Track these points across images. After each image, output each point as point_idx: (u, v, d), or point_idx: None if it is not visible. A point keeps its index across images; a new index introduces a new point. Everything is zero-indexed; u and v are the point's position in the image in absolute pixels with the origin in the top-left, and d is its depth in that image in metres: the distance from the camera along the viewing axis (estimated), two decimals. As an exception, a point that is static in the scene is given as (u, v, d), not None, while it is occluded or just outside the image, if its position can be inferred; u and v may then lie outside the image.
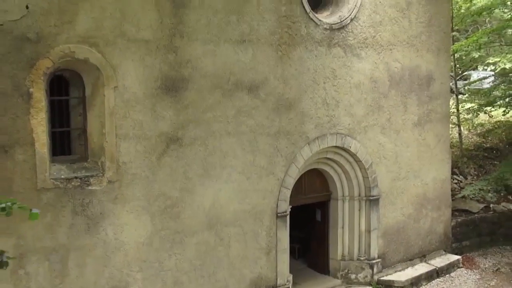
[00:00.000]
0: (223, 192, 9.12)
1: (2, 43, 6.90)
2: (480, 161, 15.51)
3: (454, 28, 15.93)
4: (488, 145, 16.26)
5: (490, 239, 13.63)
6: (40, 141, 7.29)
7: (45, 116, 7.34)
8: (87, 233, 7.79)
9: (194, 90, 8.63)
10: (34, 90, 7.18)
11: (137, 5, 7.98)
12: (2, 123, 6.95)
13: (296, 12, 9.75)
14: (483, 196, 13.96)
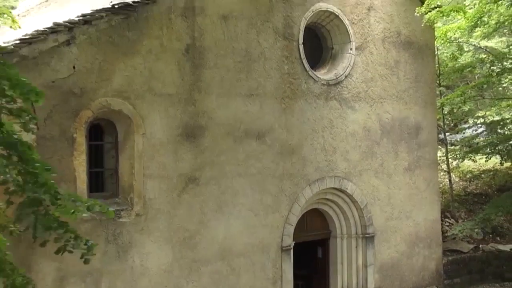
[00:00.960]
0: (234, 227, 10.34)
1: (53, 96, 8.32)
2: (470, 205, 16.70)
3: (441, 84, 17.45)
4: (478, 191, 17.48)
5: (480, 277, 14.65)
6: (81, 179, 8.60)
7: (85, 158, 8.68)
8: (117, 259, 8.98)
9: (210, 137, 10.01)
10: (77, 135, 8.55)
11: (163, 65, 9.46)
12: (52, 162, 8.27)
13: (297, 70, 11.25)
14: (471, 235, 15.08)
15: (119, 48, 9.00)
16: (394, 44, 13.07)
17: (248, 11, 10.56)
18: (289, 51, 11.15)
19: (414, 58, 13.54)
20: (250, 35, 10.57)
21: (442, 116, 17.59)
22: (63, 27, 8.40)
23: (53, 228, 4.78)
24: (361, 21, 12.39)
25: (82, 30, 8.60)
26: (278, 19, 10.98)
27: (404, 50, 13.32)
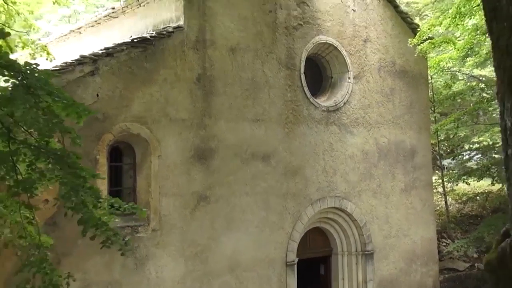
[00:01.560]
0: (242, 242, 11.11)
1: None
2: (465, 226, 17.43)
3: (436, 110, 18.37)
4: (473, 212, 18.24)
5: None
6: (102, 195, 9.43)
7: (106, 177, 9.53)
8: (135, 271, 9.75)
9: (219, 159, 10.87)
10: (99, 157, 9.42)
11: (177, 93, 10.38)
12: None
13: (299, 97, 12.17)
14: (466, 255, 15.79)
15: (138, 78, 9.93)
16: (390, 73, 14.02)
17: (253, 44, 11.53)
18: (292, 80, 12.09)
19: (408, 86, 14.47)
20: (255, 65, 11.53)
21: (437, 142, 18.45)
22: (88, 59, 9.35)
23: (98, 225, 5.57)
24: (358, 52, 13.37)
25: (105, 62, 9.55)
26: (281, 51, 11.95)
27: (399, 78, 14.26)
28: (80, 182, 5.15)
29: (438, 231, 17.40)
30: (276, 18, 11.90)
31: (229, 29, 11.17)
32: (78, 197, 5.17)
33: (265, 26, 11.72)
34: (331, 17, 12.87)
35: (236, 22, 11.28)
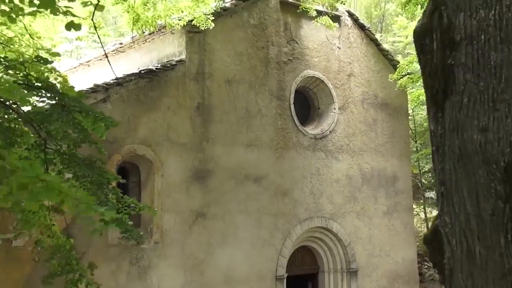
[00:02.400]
0: (236, 257, 12.11)
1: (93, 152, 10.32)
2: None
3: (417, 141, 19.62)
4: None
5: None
6: (110, 211, 10.46)
7: (114, 193, 10.57)
8: (138, 279, 10.72)
9: (216, 179, 11.97)
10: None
11: (178, 119, 11.54)
12: (89, 195, 10.18)
13: (289, 125, 13.36)
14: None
15: (144, 105, 11.11)
16: (372, 105, 15.29)
17: (248, 76, 12.78)
18: (282, 109, 13.31)
19: (390, 117, 15.73)
20: (249, 96, 12.75)
21: (419, 171, 19.65)
22: (101, 88, 10.53)
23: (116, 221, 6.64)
24: (343, 86, 14.65)
25: (115, 90, 10.73)
26: (272, 83, 13.20)
27: (381, 110, 15.52)
28: (105, 181, 6.23)
29: (421, 255, 18.45)
30: (268, 54, 13.19)
31: (226, 63, 12.42)
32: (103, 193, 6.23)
33: (258, 61, 13.00)
34: (318, 54, 14.18)
35: (232, 57, 12.55)
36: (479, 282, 4.20)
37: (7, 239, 9.33)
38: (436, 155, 4.54)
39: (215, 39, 12.28)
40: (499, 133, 4.07)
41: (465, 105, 4.10)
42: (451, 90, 4.15)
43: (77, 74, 15.34)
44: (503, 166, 4.11)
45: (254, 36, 13.01)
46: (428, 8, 4.35)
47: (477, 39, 4.08)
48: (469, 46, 4.07)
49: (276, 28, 13.41)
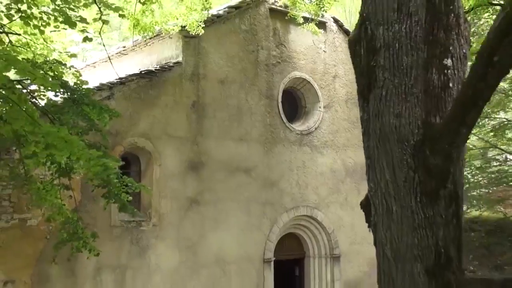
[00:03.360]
0: (227, 240, 13.36)
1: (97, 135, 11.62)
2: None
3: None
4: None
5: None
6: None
7: (117, 181, 11.85)
8: (138, 257, 11.99)
9: (209, 170, 13.23)
10: (112, 164, 11.77)
11: (175, 116, 12.82)
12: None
13: (277, 122, 14.63)
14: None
15: (144, 102, 12.39)
16: (356, 104, 16.32)
17: (239, 77, 14.05)
18: (271, 107, 14.58)
19: (373, 116, 16.93)
20: (240, 95, 14.02)
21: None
22: (106, 86, 11.82)
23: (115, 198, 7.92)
24: (328, 86, 15.90)
25: (118, 89, 12.02)
26: (262, 83, 14.47)
27: (364, 109, 16.73)
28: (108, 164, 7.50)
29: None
30: (258, 57, 14.47)
31: (219, 65, 13.70)
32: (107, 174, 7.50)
33: (248, 63, 14.28)
34: (305, 57, 15.45)
35: (225, 59, 13.83)
36: (395, 234, 5.55)
37: (23, 219, 10.66)
38: (364, 136, 5.88)
39: (209, 43, 13.56)
40: (409, 118, 5.44)
41: (383, 97, 5.46)
42: (373, 85, 5.51)
43: (83, 74, 16.60)
44: (412, 144, 5.44)
45: (245, 41, 14.28)
46: (358, 23, 5.69)
47: (393, 46, 5.43)
48: (386, 52, 5.42)
49: (265, 33, 14.69)
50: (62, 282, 10.97)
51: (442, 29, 5.72)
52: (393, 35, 5.40)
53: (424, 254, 5.41)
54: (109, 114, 7.64)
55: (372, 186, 5.82)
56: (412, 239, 5.42)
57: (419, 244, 5.40)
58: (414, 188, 5.43)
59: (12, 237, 10.48)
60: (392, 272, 5.53)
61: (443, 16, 5.75)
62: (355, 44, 5.66)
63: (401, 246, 5.45)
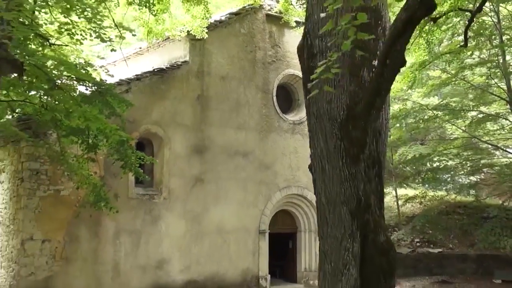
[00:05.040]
0: (226, 213, 15.65)
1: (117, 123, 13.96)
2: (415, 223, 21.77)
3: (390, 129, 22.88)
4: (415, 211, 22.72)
5: (414, 271, 19.49)
6: (130, 176, 14.04)
7: (134, 161, 14.18)
8: (151, 225, 14.32)
9: (211, 153, 15.52)
10: (130, 146, 14.10)
11: (183, 107, 15.12)
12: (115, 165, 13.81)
13: (272, 113, 16.87)
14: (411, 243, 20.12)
15: (156, 95, 14.71)
16: (344, 98, 18.66)
17: (238, 74, 16.31)
18: (266, 100, 16.82)
19: (360, 108, 19.07)
20: (239, 89, 16.28)
21: (391, 155, 22.92)
22: (125, 81, 14.14)
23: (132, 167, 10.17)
24: (318, 82, 18.03)
25: (135, 84, 14.34)
26: (259, 79, 16.72)
27: (352, 102, 18.88)
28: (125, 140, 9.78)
29: (391, 226, 21.83)
30: (256, 56, 16.72)
31: (221, 64, 15.98)
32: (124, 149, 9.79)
33: (247, 62, 16.53)
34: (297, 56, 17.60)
35: (226, 58, 16.10)
36: (328, 186, 7.75)
37: (57, 190, 13.03)
38: (307, 116, 8.11)
39: (213, 45, 15.83)
40: (337, 103, 7.62)
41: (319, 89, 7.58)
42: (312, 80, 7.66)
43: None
44: (339, 122, 7.61)
45: (244, 42, 16.54)
46: (302, 35, 7.90)
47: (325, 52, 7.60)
48: (320, 56, 7.61)
49: (262, 36, 16.93)
50: (88, 242, 13.34)
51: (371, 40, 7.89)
52: (325, 44, 7.61)
53: (349, 200, 7.57)
54: (126, 104, 9.93)
55: (312, 151, 8.03)
56: (340, 189, 7.60)
57: (345, 193, 7.58)
58: (341, 153, 7.62)
59: (48, 205, 12.86)
60: (326, 213, 7.74)
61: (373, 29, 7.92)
62: (301, 51, 7.89)
63: (332, 194, 7.65)
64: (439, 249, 20.29)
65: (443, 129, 23.64)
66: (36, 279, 12.53)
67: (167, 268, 14.48)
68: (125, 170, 10.40)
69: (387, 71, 6.91)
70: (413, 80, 19.02)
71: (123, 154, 10.11)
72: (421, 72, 19.26)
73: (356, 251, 7.64)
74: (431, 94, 22.26)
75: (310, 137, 8.28)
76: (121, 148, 10.08)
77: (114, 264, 13.67)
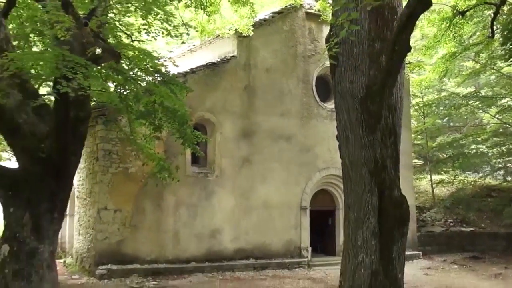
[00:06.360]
0: (271, 191, 17.57)
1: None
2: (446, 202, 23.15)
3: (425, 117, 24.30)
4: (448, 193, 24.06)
5: (447, 247, 20.94)
6: (187, 157, 16.17)
7: (190, 143, 16.28)
8: (205, 200, 16.39)
9: (257, 137, 17.48)
10: (186, 131, 16.21)
11: (232, 96, 17.12)
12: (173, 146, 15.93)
13: (311, 101, 18.69)
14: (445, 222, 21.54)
15: (209, 86, 16.77)
16: (379, 88, 20.28)
17: (281, 67, 18.20)
18: (306, 90, 18.65)
19: (394, 97, 20.64)
20: (282, 80, 18.17)
21: (426, 142, 24.31)
22: (182, 74, 16.24)
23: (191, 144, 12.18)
24: (354, 73, 19.74)
25: (190, 76, 16.44)
26: (299, 71, 18.57)
27: (387, 91, 20.47)
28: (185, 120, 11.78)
29: (426, 207, 23.28)
30: (296, 50, 18.58)
31: (265, 58, 17.91)
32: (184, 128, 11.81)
33: (289, 55, 18.41)
34: (335, 50, 19.37)
35: (270, 53, 18.02)
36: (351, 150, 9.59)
37: (126, 167, 15.24)
38: (333, 94, 9.93)
39: (258, 41, 17.76)
40: (358, 83, 9.44)
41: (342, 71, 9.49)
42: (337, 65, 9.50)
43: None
44: (360, 98, 9.39)
45: (286, 38, 18.43)
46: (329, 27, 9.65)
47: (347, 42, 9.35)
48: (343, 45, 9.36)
49: (302, 32, 18.77)
50: (152, 213, 15.52)
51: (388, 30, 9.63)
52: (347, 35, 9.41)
53: (368, 162, 9.35)
54: (187, 90, 11.96)
55: (338, 123, 9.82)
56: (360, 153, 9.39)
57: (364, 156, 9.36)
58: (361, 124, 9.41)
59: (119, 180, 15.09)
60: (349, 173, 9.55)
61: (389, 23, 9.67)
62: (327, 41, 9.72)
63: (354, 157, 9.45)
64: (471, 228, 21.64)
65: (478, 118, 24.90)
66: (110, 242, 14.77)
67: (219, 238, 16.53)
68: (185, 146, 12.43)
69: (395, 55, 8.65)
70: (445, 70, 20.43)
71: (183, 132, 12.15)
72: (453, 62, 20.64)
73: (374, 203, 9.43)
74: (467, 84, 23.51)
75: (336, 112, 10.09)
76: (181, 128, 12.13)
77: (174, 233, 15.81)
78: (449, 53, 19.34)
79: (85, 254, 15.37)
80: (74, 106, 8.90)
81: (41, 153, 8.75)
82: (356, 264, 9.32)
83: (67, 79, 7.24)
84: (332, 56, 9.64)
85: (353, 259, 9.36)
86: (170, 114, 11.87)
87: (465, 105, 21.37)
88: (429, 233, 21.12)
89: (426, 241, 20.86)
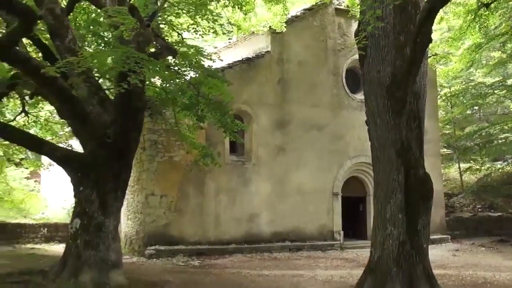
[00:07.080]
0: (305, 177, 18.64)
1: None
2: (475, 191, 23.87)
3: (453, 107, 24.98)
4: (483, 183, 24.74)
5: (475, 232, 21.68)
6: (226, 146, 17.35)
7: (228, 134, 17.47)
8: (243, 186, 17.57)
9: (291, 127, 18.57)
10: (225, 122, 17.40)
11: (267, 89, 18.24)
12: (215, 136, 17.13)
13: (341, 93, 19.68)
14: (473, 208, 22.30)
15: (245, 80, 17.92)
16: (406, 79, 21.13)
17: (313, 60, 19.24)
18: (337, 82, 19.65)
19: (422, 87, 21.46)
20: (314, 72, 19.21)
21: (454, 131, 25.02)
22: (220, 69, 17.34)
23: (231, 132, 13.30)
24: (383, 65, 20.65)
25: (228, 71, 17.58)
26: (330, 64, 19.58)
27: (414, 82, 21.31)
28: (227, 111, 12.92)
29: (454, 194, 24.05)
30: (327, 45, 19.59)
31: (298, 52, 18.98)
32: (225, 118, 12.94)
33: (319, 49, 19.44)
34: (363, 43, 20.31)
35: (302, 47, 19.08)
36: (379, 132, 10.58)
37: (171, 156, 16.51)
38: (362, 84, 10.98)
39: (290, 36, 18.83)
40: (385, 72, 10.50)
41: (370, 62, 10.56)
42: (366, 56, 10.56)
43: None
44: (386, 86, 10.40)
45: (316, 33, 19.45)
46: (358, 23, 10.69)
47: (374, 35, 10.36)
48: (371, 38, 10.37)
49: (332, 27, 19.77)
50: (195, 198, 16.77)
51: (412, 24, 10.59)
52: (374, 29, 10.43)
53: (394, 143, 10.36)
54: (228, 83, 13.11)
55: (366, 109, 10.84)
56: (388, 135, 10.41)
57: (391, 138, 10.37)
58: (388, 109, 10.42)
59: (164, 168, 16.38)
60: (378, 154, 10.58)
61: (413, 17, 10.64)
62: (356, 35, 10.75)
63: (382, 140, 10.47)
64: (499, 213, 22.34)
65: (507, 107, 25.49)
66: (157, 225, 16.08)
67: (257, 221, 17.71)
68: (226, 135, 13.58)
69: (418, 46, 9.62)
70: (471, 61, 21.16)
71: (224, 122, 13.32)
72: (479, 53, 21.35)
73: (401, 180, 10.43)
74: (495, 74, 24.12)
75: (365, 99, 11.10)
76: (223, 118, 13.30)
77: (216, 216, 17.04)
78: (475, 44, 20.08)
79: (134, 237, 16.71)
80: (133, 97, 10.12)
81: (107, 138, 10.03)
82: (385, 235, 10.34)
83: (135, 72, 8.46)
84: (361, 48, 10.66)
85: (382, 231, 10.39)
86: (213, 105, 13.05)
87: (492, 94, 22.04)
88: (457, 218, 21.91)
89: (454, 225, 21.65)
